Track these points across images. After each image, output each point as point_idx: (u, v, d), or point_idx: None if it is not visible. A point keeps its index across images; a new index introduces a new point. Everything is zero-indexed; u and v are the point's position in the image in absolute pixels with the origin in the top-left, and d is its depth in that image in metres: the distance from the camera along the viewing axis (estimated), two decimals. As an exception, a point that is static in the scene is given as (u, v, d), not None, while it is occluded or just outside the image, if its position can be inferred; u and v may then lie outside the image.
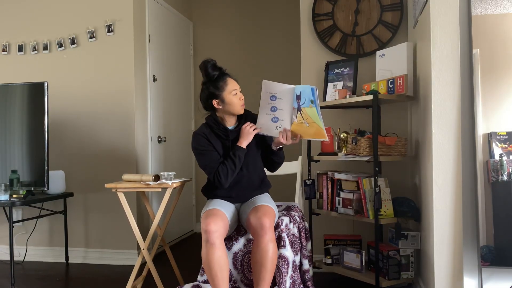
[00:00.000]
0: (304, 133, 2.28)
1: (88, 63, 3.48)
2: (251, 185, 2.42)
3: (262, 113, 2.32)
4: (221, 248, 2.16)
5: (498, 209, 2.01)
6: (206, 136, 2.37)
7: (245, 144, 2.32)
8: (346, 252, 2.73)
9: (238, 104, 2.36)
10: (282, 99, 2.27)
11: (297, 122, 2.26)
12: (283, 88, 2.28)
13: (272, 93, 2.28)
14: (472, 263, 2.09)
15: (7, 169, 3.12)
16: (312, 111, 2.22)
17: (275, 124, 2.30)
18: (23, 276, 3.12)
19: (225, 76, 2.38)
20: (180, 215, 4.14)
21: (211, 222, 2.15)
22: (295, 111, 2.26)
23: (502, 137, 2.04)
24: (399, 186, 2.88)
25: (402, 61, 2.63)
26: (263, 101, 2.30)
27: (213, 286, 2.15)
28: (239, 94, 2.36)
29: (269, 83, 2.29)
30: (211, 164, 2.33)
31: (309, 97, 2.22)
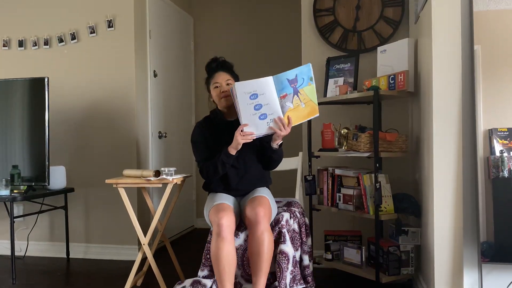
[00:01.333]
0: (299, 117, 2.22)
1: (88, 58, 3.47)
2: (251, 180, 2.43)
3: (245, 114, 2.19)
4: (231, 242, 2.17)
5: (498, 205, 2.01)
6: (203, 127, 2.44)
7: (233, 151, 2.28)
8: (346, 248, 2.74)
9: (217, 97, 2.39)
10: (264, 94, 2.17)
11: (293, 107, 2.20)
12: (260, 82, 2.17)
13: (251, 91, 2.17)
14: (472, 259, 2.09)
15: (8, 164, 3.13)
16: (311, 89, 2.20)
17: (264, 120, 2.21)
18: (24, 271, 3.13)
19: (217, 71, 2.43)
20: (180, 210, 4.15)
21: (224, 216, 2.16)
22: (289, 97, 2.19)
23: (503, 133, 2.03)
24: (399, 182, 2.88)
25: (403, 57, 2.62)
26: (241, 103, 2.17)
27: (219, 280, 2.15)
28: (222, 87, 2.37)
29: (243, 83, 2.18)
30: (198, 158, 2.43)
31: (308, 75, 2.19)
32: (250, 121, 2.21)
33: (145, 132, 3.55)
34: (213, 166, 2.33)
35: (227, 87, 2.37)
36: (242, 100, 2.18)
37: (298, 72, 2.19)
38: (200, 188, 2.66)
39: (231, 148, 2.28)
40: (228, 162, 2.31)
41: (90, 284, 2.80)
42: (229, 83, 2.39)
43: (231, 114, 2.43)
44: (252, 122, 2.21)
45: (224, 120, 2.44)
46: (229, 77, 2.41)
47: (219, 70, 2.43)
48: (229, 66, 2.47)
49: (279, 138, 2.29)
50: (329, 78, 2.96)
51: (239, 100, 2.18)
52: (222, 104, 2.40)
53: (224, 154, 2.29)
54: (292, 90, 2.20)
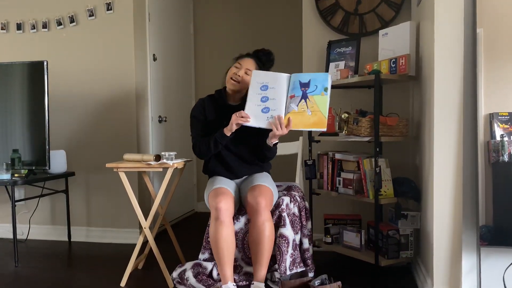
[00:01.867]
0: (301, 123, 2.18)
1: (87, 42, 3.44)
2: (247, 163, 2.44)
3: (251, 103, 2.22)
4: (230, 226, 2.19)
5: (498, 189, 2.01)
6: (204, 104, 2.45)
7: (228, 133, 2.29)
8: (346, 232, 2.76)
9: (229, 75, 2.38)
10: (275, 88, 2.19)
11: (298, 111, 2.18)
12: (276, 76, 2.20)
13: (263, 82, 2.19)
14: (471, 243, 2.11)
15: (8, 148, 3.13)
16: (323, 100, 2.15)
17: (265, 114, 2.20)
18: (27, 254, 3.16)
19: (247, 56, 2.43)
20: (181, 194, 4.17)
21: (222, 200, 2.18)
22: (295, 100, 2.18)
23: (503, 117, 2.03)
24: (399, 166, 2.88)
25: (405, 40, 2.60)
26: (252, 92, 2.21)
27: (219, 263, 2.17)
28: (240, 70, 2.36)
29: (261, 72, 2.23)
30: (194, 133, 2.44)
31: (323, 85, 2.15)
32: (252, 111, 2.22)
33: (145, 116, 3.54)
34: (206, 144, 2.34)
35: (244, 75, 2.36)
36: (253, 88, 2.22)
37: (312, 77, 2.18)
38: (201, 173, 2.67)
39: (226, 130, 2.28)
40: (221, 143, 2.31)
41: (92, 267, 2.83)
42: (248, 73, 2.36)
43: (235, 98, 2.44)
44: (254, 112, 2.22)
45: (226, 103, 2.43)
46: (253, 67, 2.38)
47: (252, 57, 2.42)
48: (264, 59, 2.44)
49: (275, 138, 2.27)
50: (330, 61, 2.94)
51: (250, 87, 2.22)
52: (228, 85, 2.40)
53: (218, 134, 2.30)
54: (301, 93, 2.18)
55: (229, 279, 2.14)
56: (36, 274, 2.72)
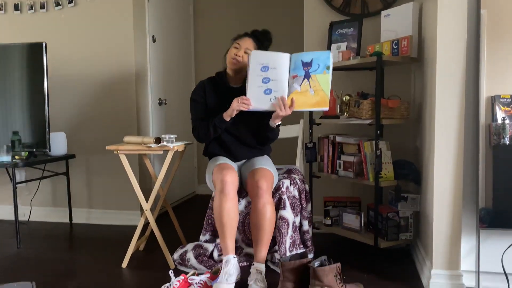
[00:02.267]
0: (304, 103, 2.17)
1: (86, 23, 3.41)
2: (249, 144, 2.44)
3: (252, 85, 2.17)
4: (234, 199, 2.20)
5: (498, 172, 2.01)
6: (204, 87, 2.43)
7: (228, 118, 2.28)
8: (345, 214, 2.77)
9: (229, 56, 2.35)
10: (276, 68, 2.14)
11: (301, 91, 2.16)
12: (277, 56, 2.15)
13: (264, 63, 2.14)
14: (470, 225, 2.12)
15: (8, 131, 3.12)
16: (325, 78, 2.13)
17: (268, 96, 2.17)
18: (29, 236, 3.19)
19: (245, 35, 2.40)
20: (182, 177, 4.18)
21: (227, 173, 2.19)
22: (298, 79, 2.15)
23: (506, 100, 2.02)
24: (400, 149, 2.88)
25: (407, 21, 2.57)
26: (252, 73, 2.15)
27: (221, 235, 2.19)
28: (240, 50, 2.33)
29: (261, 53, 2.17)
30: (194, 116, 2.43)
31: (325, 63, 2.13)
32: (254, 93, 2.18)
33: (145, 98, 3.53)
34: (205, 128, 2.34)
35: (244, 55, 2.33)
36: (253, 69, 2.16)
37: (314, 56, 2.14)
38: (201, 155, 2.67)
39: (226, 115, 2.27)
40: (220, 127, 2.31)
41: (93, 248, 2.86)
42: (247, 52, 2.32)
43: (236, 80, 2.42)
44: (256, 94, 2.18)
45: (227, 85, 2.42)
46: (252, 47, 2.35)
47: (249, 36, 2.39)
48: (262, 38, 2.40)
49: (278, 119, 2.26)
50: (331, 43, 2.91)
51: (250, 68, 2.16)
52: (229, 65, 2.37)
53: (218, 119, 2.29)
54: (303, 73, 2.15)
55: (230, 251, 2.16)
56: (38, 255, 2.75)
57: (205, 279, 2.11)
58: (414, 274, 2.35)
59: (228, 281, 2.05)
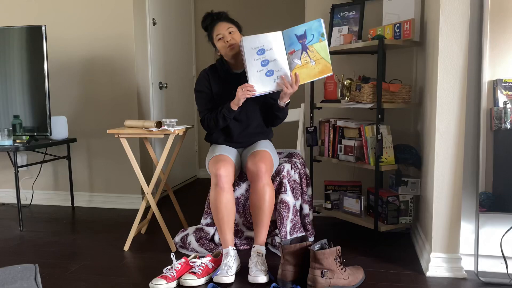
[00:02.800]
0: (308, 75, 2.16)
1: (86, 6, 3.37)
2: (253, 132, 2.44)
3: (252, 71, 2.16)
4: (229, 192, 2.21)
5: (499, 156, 2.01)
6: (208, 76, 2.42)
7: (235, 107, 2.27)
8: (346, 198, 2.78)
9: (223, 48, 2.32)
10: (272, 49, 2.13)
11: (302, 64, 2.15)
12: (269, 37, 2.13)
13: (258, 46, 2.12)
14: (470, 209, 2.13)
15: (9, 114, 3.12)
16: (323, 46, 2.13)
17: (271, 77, 2.17)
18: (31, 219, 3.21)
19: (215, 23, 2.35)
20: (183, 161, 4.19)
21: (221, 167, 2.20)
22: (297, 54, 2.14)
23: (507, 84, 2.01)
24: (401, 133, 2.88)
25: (410, 4, 2.54)
26: (248, 59, 2.14)
27: (219, 228, 2.21)
28: (225, 37, 2.31)
29: (252, 37, 2.13)
30: (201, 107, 2.42)
31: (318, 31, 2.12)
32: (256, 78, 2.17)
33: (146, 82, 3.51)
34: (214, 119, 2.33)
35: (230, 36, 2.30)
36: (249, 55, 2.14)
37: (307, 27, 2.12)
38: (202, 139, 2.68)
39: (233, 104, 2.26)
40: (229, 117, 2.30)
41: (95, 232, 2.88)
42: (231, 31, 2.31)
43: (237, 65, 2.39)
44: (259, 78, 2.17)
45: (230, 71, 2.40)
46: (230, 25, 2.33)
47: (218, 21, 2.35)
48: (225, 15, 2.38)
49: (286, 97, 2.26)
50: (333, 26, 2.89)
51: (246, 55, 2.14)
52: (229, 54, 2.33)
53: (226, 109, 2.28)
54: (300, 46, 2.14)
55: (229, 244, 2.18)
56: (40, 238, 2.77)
57: (206, 262, 2.13)
58: (413, 257, 2.37)
59: (229, 273, 2.07)
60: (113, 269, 2.26)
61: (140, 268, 2.27)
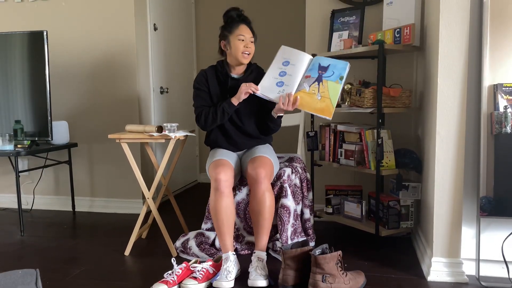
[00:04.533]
0: (309, 105, 2.18)
1: (87, 11, 3.39)
2: (251, 135, 2.44)
3: (269, 75, 2.27)
4: (229, 197, 2.21)
5: (499, 160, 2.01)
6: (206, 75, 2.44)
7: (236, 102, 2.29)
8: (346, 202, 2.78)
9: (240, 50, 2.33)
10: (295, 65, 2.23)
11: (308, 92, 2.18)
12: (301, 55, 2.25)
13: (287, 58, 2.25)
14: (471, 213, 2.13)
15: (10, 120, 3.13)
16: (335, 88, 2.16)
17: (278, 88, 2.23)
18: (32, 223, 3.21)
19: (241, 22, 2.37)
20: (184, 165, 4.19)
21: (221, 171, 2.20)
22: (309, 80, 2.19)
23: (508, 88, 2.01)
24: (402, 137, 2.88)
25: (410, 9, 2.55)
26: (274, 64, 2.27)
27: (219, 233, 2.21)
28: (246, 42, 2.32)
29: (289, 49, 2.28)
30: (197, 104, 2.42)
31: (339, 73, 2.17)
32: (269, 83, 2.25)
33: (147, 87, 3.52)
34: (212, 114, 2.33)
35: (251, 44, 2.34)
36: (276, 62, 2.27)
37: (332, 63, 2.20)
38: (203, 144, 2.68)
39: (234, 99, 2.29)
40: (229, 112, 2.31)
41: (96, 236, 2.88)
42: (252, 40, 2.35)
43: (237, 70, 2.41)
44: (269, 84, 2.26)
45: (228, 74, 2.41)
46: (252, 35, 2.36)
47: (243, 23, 2.37)
48: (250, 23, 2.40)
49: (281, 111, 2.29)
50: (333, 31, 2.90)
51: (275, 60, 2.28)
52: (241, 60, 2.34)
53: (226, 103, 2.30)
54: (317, 75, 2.20)
55: (229, 249, 2.18)
56: (41, 243, 2.77)
57: (207, 267, 2.12)
58: (414, 262, 2.36)
59: (228, 278, 2.06)
60: (114, 274, 2.26)
61: (141, 273, 2.27)
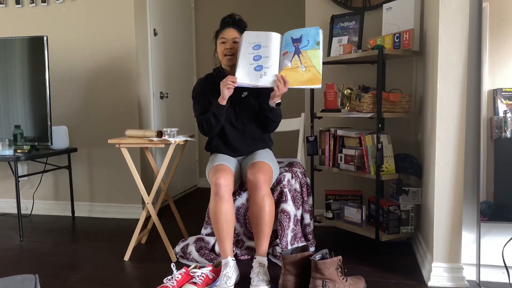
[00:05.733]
0: (295, 80, 2.15)
1: (87, 16, 3.40)
2: (250, 140, 2.44)
3: (243, 63, 2.21)
4: (229, 202, 2.21)
5: (499, 165, 2.01)
6: (204, 83, 2.45)
7: (223, 102, 2.27)
8: (347, 207, 2.78)
9: (221, 52, 2.36)
10: (268, 46, 2.19)
11: (291, 67, 2.15)
12: (268, 35, 2.21)
13: (256, 42, 2.21)
14: (471, 218, 2.13)
15: (10, 125, 3.13)
16: (316, 54, 2.13)
17: (258, 72, 2.19)
18: (31, 229, 3.20)
19: (227, 26, 2.38)
20: (183, 170, 4.19)
21: (221, 176, 2.19)
22: (289, 56, 2.16)
23: (507, 93, 2.01)
24: (401, 142, 2.88)
25: (409, 14, 2.56)
26: (243, 52, 2.21)
27: (218, 238, 2.20)
28: (228, 43, 2.33)
29: (252, 33, 2.23)
30: (197, 113, 2.43)
31: (314, 39, 2.14)
32: (245, 70, 2.21)
33: (147, 92, 3.53)
34: (207, 119, 2.34)
35: (233, 45, 2.34)
36: (245, 49, 2.21)
37: (304, 32, 2.16)
38: (203, 149, 2.68)
39: (221, 98, 2.27)
40: (219, 114, 2.29)
41: (95, 242, 2.87)
42: (236, 41, 2.34)
43: (233, 73, 2.41)
44: (247, 71, 2.21)
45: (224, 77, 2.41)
46: (238, 36, 2.35)
47: (230, 26, 2.38)
48: (243, 25, 2.41)
49: (277, 97, 2.25)
50: (333, 36, 2.91)
51: (242, 48, 2.22)
52: (224, 62, 2.38)
53: (214, 106, 2.29)
54: (293, 49, 2.17)
55: (228, 254, 2.17)
56: (40, 248, 2.76)
57: (206, 272, 2.12)
58: (415, 267, 2.36)
59: (227, 284, 2.05)
60: (114, 279, 2.25)
61: (141, 278, 2.26)
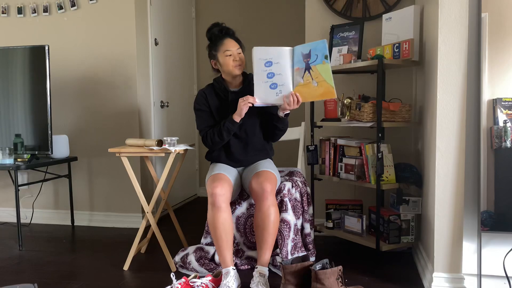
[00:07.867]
0: (310, 95, 2.17)
1: (89, 26, 3.42)
2: (252, 150, 2.44)
3: (258, 82, 2.21)
4: (226, 211, 2.20)
5: (500, 175, 2.01)
6: (206, 95, 2.44)
7: (238, 119, 2.29)
8: (347, 217, 2.77)
9: (230, 64, 2.34)
10: (279, 63, 2.17)
11: (304, 83, 2.16)
12: (279, 51, 2.18)
13: (267, 58, 2.17)
14: (472, 228, 2.12)
15: (11, 133, 3.13)
16: (325, 68, 2.12)
17: (274, 91, 2.20)
18: (30, 238, 3.19)
19: (224, 37, 2.37)
20: (183, 179, 4.18)
21: (218, 185, 2.19)
22: (300, 72, 2.17)
23: (507, 103, 2.02)
24: (402, 152, 2.88)
25: (408, 24, 2.57)
26: (256, 70, 2.20)
27: (218, 248, 2.19)
28: (234, 55, 2.34)
29: (262, 49, 2.18)
30: (201, 125, 2.42)
31: (322, 53, 2.13)
32: (261, 88, 2.21)
33: (147, 101, 3.54)
34: (218, 133, 2.33)
35: (240, 56, 2.35)
36: (257, 65, 2.19)
37: (312, 47, 2.15)
38: (203, 158, 2.68)
39: (236, 116, 2.28)
40: (232, 129, 2.31)
41: (95, 251, 2.86)
42: (240, 52, 2.35)
43: (234, 84, 2.42)
44: (263, 90, 2.21)
45: (227, 90, 2.42)
46: (239, 46, 2.37)
47: (227, 37, 2.38)
48: (234, 33, 2.42)
49: (287, 110, 2.27)
50: (333, 46, 2.92)
51: (254, 65, 2.19)
52: (235, 72, 2.35)
53: (229, 121, 2.30)
54: (304, 65, 2.16)
55: (229, 263, 2.16)
56: (40, 258, 2.75)
57: (206, 282, 2.11)
58: (415, 277, 2.34)
59: None
60: (113, 289, 2.24)
61: (140, 288, 2.25)
